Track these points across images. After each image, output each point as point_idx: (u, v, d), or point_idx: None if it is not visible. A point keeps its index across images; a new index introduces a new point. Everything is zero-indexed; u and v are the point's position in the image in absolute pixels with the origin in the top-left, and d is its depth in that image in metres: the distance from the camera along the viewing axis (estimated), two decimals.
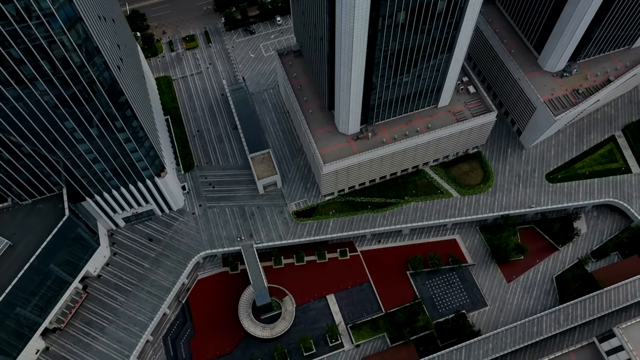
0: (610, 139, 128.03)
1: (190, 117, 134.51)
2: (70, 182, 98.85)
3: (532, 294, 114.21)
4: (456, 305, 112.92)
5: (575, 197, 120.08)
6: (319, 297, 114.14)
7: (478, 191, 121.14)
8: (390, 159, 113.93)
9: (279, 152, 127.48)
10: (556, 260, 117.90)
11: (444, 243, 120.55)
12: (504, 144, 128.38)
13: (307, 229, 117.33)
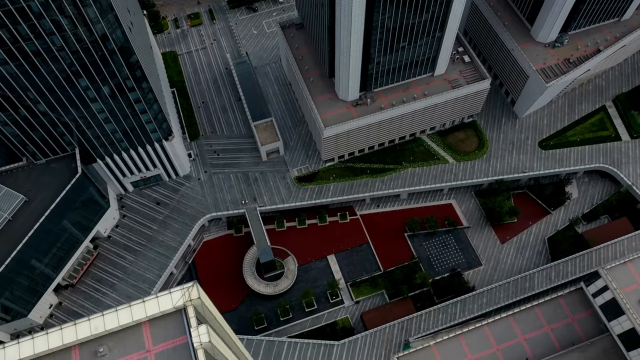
0: (601, 108, 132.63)
1: (196, 90, 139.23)
2: (82, 142, 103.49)
3: (525, 254, 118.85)
4: (452, 264, 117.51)
5: (567, 162, 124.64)
6: (319, 258, 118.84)
7: (473, 157, 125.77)
8: (388, 124, 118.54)
9: (281, 121, 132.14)
10: (548, 223, 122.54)
11: (440, 207, 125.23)
12: (498, 114, 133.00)
13: (308, 193, 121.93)
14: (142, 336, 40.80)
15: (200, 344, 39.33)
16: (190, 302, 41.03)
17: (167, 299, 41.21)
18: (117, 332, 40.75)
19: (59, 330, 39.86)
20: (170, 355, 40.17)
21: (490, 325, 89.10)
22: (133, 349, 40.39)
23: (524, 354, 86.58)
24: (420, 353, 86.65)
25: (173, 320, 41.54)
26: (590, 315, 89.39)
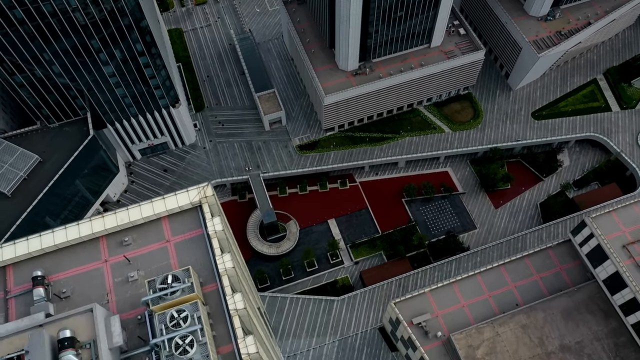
0: (592, 81, 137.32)
1: (201, 65, 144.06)
2: (94, 107, 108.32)
3: (518, 218, 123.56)
4: (448, 228, 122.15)
5: (559, 132, 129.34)
6: (320, 222, 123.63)
7: (468, 127, 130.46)
8: (386, 93, 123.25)
9: (283, 94, 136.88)
10: (541, 189, 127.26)
11: (436, 175, 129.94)
12: (492, 86, 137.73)
13: (309, 160, 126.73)
14: (162, 229, 45.65)
15: (215, 233, 44.19)
16: (206, 199, 45.88)
17: (185, 196, 46.12)
18: (140, 225, 45.59)
19: (89, 222, 44.70)
20: (187, 244, 44.99)
21: (482, 274, 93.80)
22: (154, 239, 45.19)
23: (514, 300, 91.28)
24: (416, 299, 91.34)
25: (189, 215, 46.42)
26: (578, 265, 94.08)
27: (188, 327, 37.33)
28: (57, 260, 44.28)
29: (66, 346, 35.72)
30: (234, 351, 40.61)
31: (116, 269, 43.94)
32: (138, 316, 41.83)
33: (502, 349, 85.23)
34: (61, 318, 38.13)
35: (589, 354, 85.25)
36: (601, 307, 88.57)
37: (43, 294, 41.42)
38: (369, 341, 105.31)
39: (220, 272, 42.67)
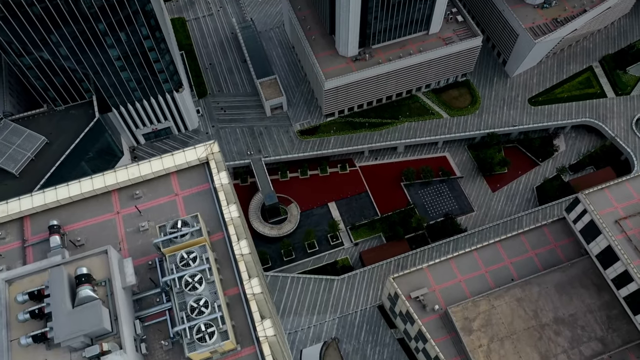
0: (587, 68, 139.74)
1: (203, 52, 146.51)
2: (99, 90, 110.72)
3: (515, 201, 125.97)
4: (446, 210, 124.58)
5: (555, 117, 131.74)
6: (321, 205, 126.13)
7: (466, 113, 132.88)
8: (385, 79, 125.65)
9: (284, 81, 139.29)
10: (537, 174, 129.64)
11: (435, 160, 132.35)
12: (490, 73, 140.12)
13: (310, 145, 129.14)
14: (171, 183, 48.12)
15: (222, 186, 46.66)
16: (212, 155, 48.36)
17: (192, 152, 48.57)
18: (150, 180, 48.04)
19: (102, 176, 47.18)
20: (195, 198, 47.45)
21: (479, 251, 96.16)
22: (164, 193, 47.65)
23: (510, 275, 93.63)
24: (414, 274, 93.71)
25: (197, 171, 48.89)
26: (572, 242, 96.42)
27: (197, 266, 39.79)
28: (72, 212, 46.75)
29: (83, 281, 38.18)
30: (239, 293, 43.03)
31: (128, 220, 46.38)
32: (149, 262, 44.29)
33: (497, 321, 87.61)
34: (78, 259, 40.57)
35: (582, 326, 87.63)
36: (594, 282, 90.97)
37: (59, 241, 43.85)
38: (368, 318, 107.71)
39: (226, 221, 45.13)
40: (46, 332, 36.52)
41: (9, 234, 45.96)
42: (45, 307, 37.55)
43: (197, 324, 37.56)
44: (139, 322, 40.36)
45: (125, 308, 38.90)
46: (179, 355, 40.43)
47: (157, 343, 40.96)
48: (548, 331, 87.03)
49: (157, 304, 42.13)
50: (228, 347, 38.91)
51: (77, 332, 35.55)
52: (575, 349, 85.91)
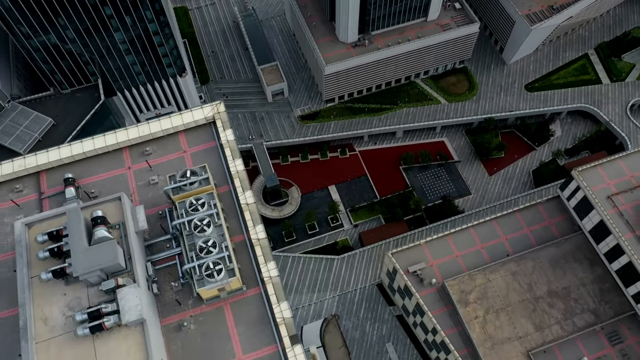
0: (583, 56, 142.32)
1: (205, 41, 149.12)
2: (104, 73, 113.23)
3: (511, 184, 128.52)
4: (443, 193, 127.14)
5: (551, 103, 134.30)
6: (321, 188, 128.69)
7: (464, 98, 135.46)
8: (384, 64, 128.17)
9: (285, 67, 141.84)
10: (533, 158, 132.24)
11: (433, 144, 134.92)
12: (487, 60, 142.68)
13: (310, 130, 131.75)
14: (179, 141, 50.69)
15: (227, 143, 49.23)
16: (219, 114, 50.93)
17: (200, 112, 51.18)
18: (159, 137, 50.58)
19: (114, 133, 49.72)
20: (202, 154, 50.00)
21: (475, 227, 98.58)
22: (172, 150, 50.20)
23: (505, 251, 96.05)
24: (412, 250, 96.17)
25: (204, 130, 51.49)
26: (565, 219, 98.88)
27: (205, 211, 42.33)
28: (86, 167, 49.32)
29: (99, 223, 40.71)
30: (245, 240, 45.62)
31: (139, 174, 48.93)
32: (159, 212, 46.84)
33: (493, 294, 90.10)
34: (93, 204, 43.12)
35: (575, 299, 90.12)
36: (587, 256, 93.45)
37: (74, 192, 46.32)
38: (367, 296, 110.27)
39: (232, 174, 47.70)
40: (65, 268, 39.02)
41: (26, 187, 48.46)
42: (63, 246, 40.06)
43: (205, 262, 40.03)
44: (151, 265, 42.84)
45: (137, 249, 41.45)
46: (188, 295, 42.96)
47: (168, 285, 43.44)
48: (542, 303, 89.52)
49: (167, 249, 44.59)
50: (235, 285, 41.44)
51: (94, 266, 38.06)
52: (568, 320, 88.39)
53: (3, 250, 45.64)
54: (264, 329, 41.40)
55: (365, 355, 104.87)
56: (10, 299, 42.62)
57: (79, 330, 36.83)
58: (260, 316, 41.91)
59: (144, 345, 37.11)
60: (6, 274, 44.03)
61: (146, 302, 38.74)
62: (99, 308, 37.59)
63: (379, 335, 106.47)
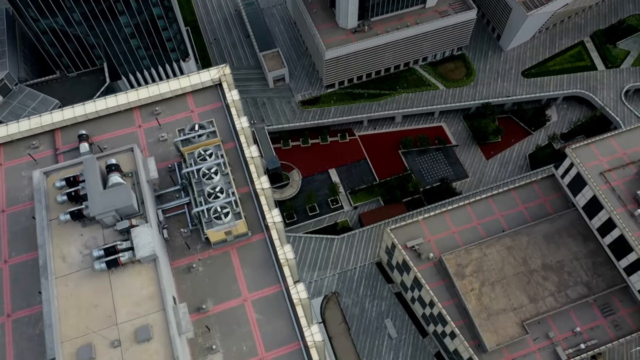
0: (579, 43, 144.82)
1: (208, 29, 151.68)
2: (110, 57, 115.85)
3: (508, 168, 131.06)
4: (441, 176, 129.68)
5: (547, 88, 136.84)
6: (321, 171, 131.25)
7: (462, 84, 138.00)
8: (383, 50, 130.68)
9: (286, 54, 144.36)
10: (529, 142, 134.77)
11: (431, 129, 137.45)
12: (485, 48, 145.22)
13: (311, 114, 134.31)
14: (187, 102, 53.29)
15: (233, 102, 51.80)
16: (225, 77, 53.47)
17: (206, 74, 53.74)
18: (168, 98, 53.19)
19: (125, 94, 52.29)
20: (209, 113, 52.57)
21: (471, 205, 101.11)
22: (180, 110, 52.81)
23: (501, 227, 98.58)
24: (410, 226, 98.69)
25: (210, 92, 54.10)
26: (560, 197, 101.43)
27: (213, 160, 44.94)
28: (98, 125, 51.96)
29: (113, 170, 43.30)
30: (250, 191, 48.25)
31: (149, 132, 51.58)
32: (168, 165, 49.45)
33: (488, 267, 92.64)
34: (107, 154, 45.72)
35: (568, 272, 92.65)
36: (580, 232, 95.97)
37: (88, 147, 48.92)
38: (366, 274, 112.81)
39: (237, 131, 50.29)
40: (82, 210, 41.62)
41: (42, 144, 51.09)
42: (80, 190, 42.65)
43: (213, 206, 42.63)
44: (161, 212, 45.42)
45: (149, 196, 44.03)
46: (197, 240, 45.61)
47: (177, 231, 46.08)
48: (536, 276, 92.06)
49: (177, 199, 47.18)
50: (241, 229, 44.04)
51: (110, 207, 40.66)
52: (562, 292, 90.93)
53: (21, 201, 48.24)
54: (268, 271, 43.95)
55: (365, 331, 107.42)
56: (28, 244, 45.23)
57: (96, 265, 39.37)
58: (264, 259, 44.50)
59: (156, 281, 39.66)
60: (24, 222, 46.62)
61: (158, 243, 41.30)
62: (115, 245, 40.17)
63: (378, 311, 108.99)
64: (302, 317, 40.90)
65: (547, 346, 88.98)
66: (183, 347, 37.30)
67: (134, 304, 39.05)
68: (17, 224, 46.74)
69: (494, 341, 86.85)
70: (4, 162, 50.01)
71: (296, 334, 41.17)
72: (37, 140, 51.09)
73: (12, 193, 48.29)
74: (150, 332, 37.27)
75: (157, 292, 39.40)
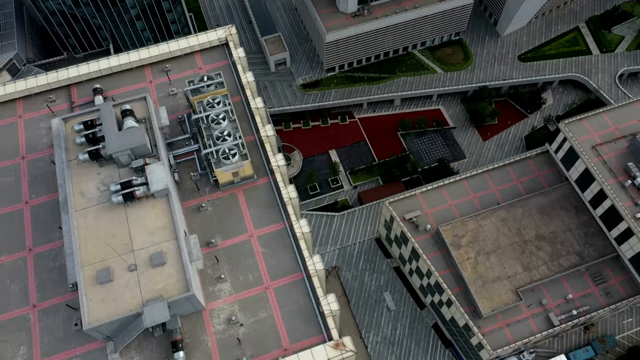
0: (574, 28, 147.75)
1: (210, 15, 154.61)
2: (115, 39, 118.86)
3: (504, 149, 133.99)
4: (439, 156, 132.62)
5: (543, 72, 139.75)
6: (322, 152, 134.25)
7: (459, 68, 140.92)
8: (383, 34, 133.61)
9: (287, 39, 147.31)
10: (525, 124, 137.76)
11: (429, 112, 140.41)
12: (482, 33, 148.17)
13: (312, 97, 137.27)
14: (195, 59, 56.26)
15: (239, 59, 54.75)
16: (231, 36, 56.47)
17: (214, 34, 56.73)
18: (177, 56, 56.16)
19: (137, 51, 55.25)
20: (216, 70, 55.46)
21: (467, 179, 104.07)
22: (189, 67, 55.80)
23: (496, 200, 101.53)
24: (408, 200, 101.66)
25: (217, 51, 57.06)
26: (553, 172, 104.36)
27: (221, 107, 47.94)
28: (112, 81, 54.97)
29: (127, 114, 46.32)
30: (255, 139, 51.26)
31: (159, 87, 54.58)
32: (178, 116, 52.47)
33: (484, 237, 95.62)
34: (121, 102, 48.72)
35: (561, 242, 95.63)
36: (573, 204, 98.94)
37: (102, 100, 51.92)
38: (366, 250, 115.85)
39: (243, 85, 53.29)
40: (99, 149, 44.63)
41: (59, 98, 54.15)
42: (97, 133, 45.67)
43: (222, 148, 45.64)
44: (172, 157, 48.45)
45: (161, 140, 47.04)
46: (206, 183, 48.65)
47: (187, 175, 49.15)
48: (530, 246, 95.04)
49: (186, 146, 50.21)
50: (247, 170, 47.04)
51: (126, 145, 43.69)
52: (554, 261, 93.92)
53: (40, 149, 51.35)
54: (272, 210, 47.02)
55: (364, 304, 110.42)
56: (47, 187, 48.31)
57: (113, 198, 42.39)
58: (269, 200, 47.55)
59: (169, 212, 42.70)
60: (43, 167, 49.69)
61: (170, 181, 44.28)
62: (130, 180, 43.18)
63: (376, 285, 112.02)
64: (304, 250, 43.83)
65: (540, 312, 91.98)
66: (194, 274, 40.30)
67: (149, 233, 42.00)
68: (37, 169, 49.69)
69: (489, 307, 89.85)
70: (23, 114, 52.95)
71: (299, 264, 44.07)
72: (54, 94, 54.05)
73: (31, 142, 51.27)
74: (164, 258, 40.22)
75: (170, 223, 42.35)
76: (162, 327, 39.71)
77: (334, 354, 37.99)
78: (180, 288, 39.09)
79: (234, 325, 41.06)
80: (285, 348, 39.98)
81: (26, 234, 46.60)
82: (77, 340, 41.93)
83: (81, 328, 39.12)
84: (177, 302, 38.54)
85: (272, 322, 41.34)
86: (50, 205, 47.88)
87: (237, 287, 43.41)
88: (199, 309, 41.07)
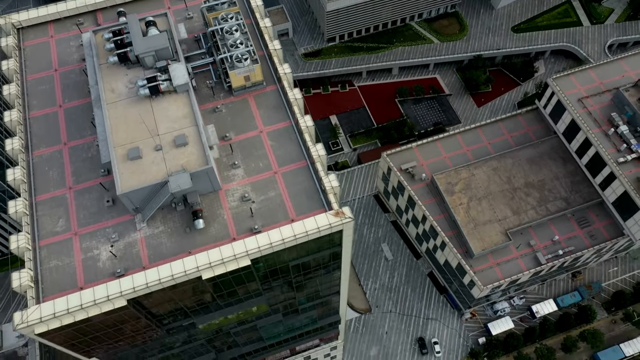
0: (566, 1, 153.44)
1: None
2: None
3: (498, 115, 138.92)
4: (435, 121, 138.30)
5: (535, 42, 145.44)
6: (323, 117, 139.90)
7: (455, 38, 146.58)
8: (381, 4, 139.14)
9: (290, 12, 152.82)
10: (518, 92, 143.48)
11: (426, 80, 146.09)
12: (477, 6, 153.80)
13: (313, 66, 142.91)
14: None
15: None
16: None
17: None
18: None
19: None
20: None
21: (461, 134, 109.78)
22: None
23: (488, 153, 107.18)
24: (404, 152, 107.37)
25: None
26: (542, 127, 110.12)
27: (234, 21, 53.59)
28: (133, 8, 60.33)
29: (151, 24, 51.99)
30: (264, 54, 56.94)
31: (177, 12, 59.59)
32: (195, 35, 58.12)
33: (476, 185, 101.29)
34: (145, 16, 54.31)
35: (549, 189, 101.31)
36: (560, 155, 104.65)
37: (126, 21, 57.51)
38: (365, 205, 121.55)
39: (252, 8, 58.93)
40: (127, 52, 50.29)
41: (86, 21, 59.62)
42: (124, 39, 51.31)
43: (235, 53, 51.24)
44: (190, 68, 54.12)
45: (180, 50, 52.70)
46: (220, 90, 54.24)
47: (204, 82, 54.78)
48: (519, 193, 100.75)
49: (202, 59, 55.85)
50: (258, 75, 52.62)
51: (151, 47, 49.22)
52: (542, 206, 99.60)
53: (71, 63, 56.92)
54: (279, 111, 52.68)
55: (363, 254, 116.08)
56: (79, 93, 53.94)
57: (140, 91, 48.00)
58: (277, 103, 53.22)
59: (189, 105, 48.35)
60: (75, 78, 55.23)
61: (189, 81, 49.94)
62: (155, 75, 48.84)
63: (375, 237, 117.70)
64: (308, 141, 49.51)
65: (529, 253, 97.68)
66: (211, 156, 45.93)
67: (172, 121, 47.60)
68: (68, 80, 55.24)
69: (480, 247, 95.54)
70: (54, 34, 58.64)
71: (303, 154, 49.68)
72: (83, 17, 59.62)
73: (63, 57, 56.87)
74: (186, 139, 45.80)
75: (191, 113, 47.91)
76: (183, 203, 45.32)
77: (335, 220, 43.72)
78: (200, 163, 44.59)
79: (247, 201, 46.50)
80: (292, 219, 45.40)
81: (61, 131, 52.12)
82: (109, 214, 47.50)
83: (113, 204, 44.86)
84: (197, 174, 44.00)
85: (280, 200, 46.83)
86: (82, 108, 53.33)
87: (249, 172, 48.88)
88: (216, 188, 46.48)
